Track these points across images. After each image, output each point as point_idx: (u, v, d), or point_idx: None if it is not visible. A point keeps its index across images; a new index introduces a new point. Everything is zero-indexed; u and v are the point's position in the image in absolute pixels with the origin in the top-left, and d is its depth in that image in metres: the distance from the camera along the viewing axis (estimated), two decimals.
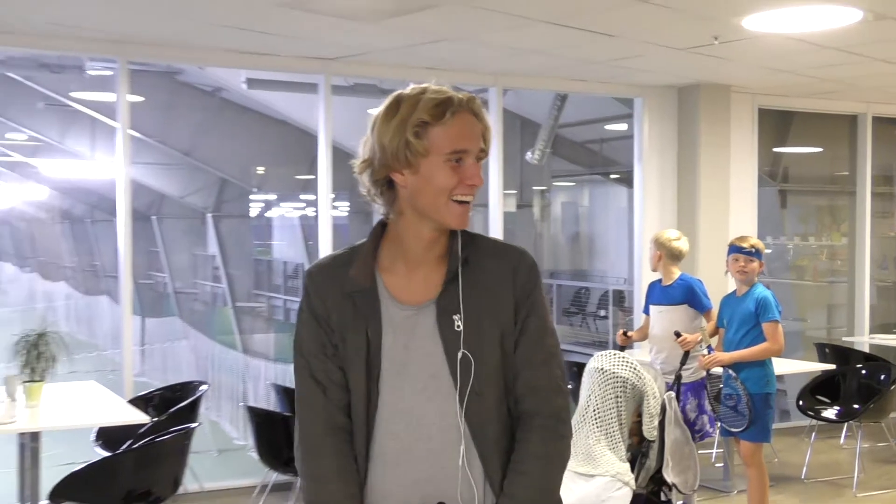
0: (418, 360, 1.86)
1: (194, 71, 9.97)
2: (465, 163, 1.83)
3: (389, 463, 1.86)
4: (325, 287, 1.92)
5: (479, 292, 1.87)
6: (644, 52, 6.01)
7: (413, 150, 1.80)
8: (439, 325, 1.86)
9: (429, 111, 1.81)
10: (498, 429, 1.87)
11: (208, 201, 17.85)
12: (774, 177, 9.21)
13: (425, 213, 1.85)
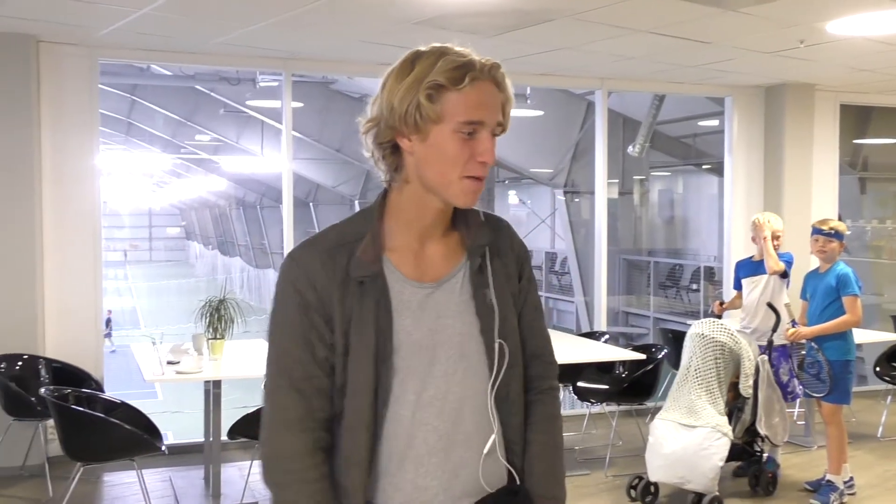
0: (447, 342, 1.47)
1: (344, 80, 10.15)
2: (479, 136, 1.41)
3: (424, 455, 1.45)
4: (318, 273, 1.44)
5: (499, 266, 1.53)
6: (735, 57, 5.79)
7: (423, 115, 1.39)
8: (475, 302, 1.49)
9: (446, 73, 1.39)
10: (520, 401, 1.55)
11: (355, 190, 18.22)
12: (854, 166, 8.77)
13: (431, 186, 1.44)
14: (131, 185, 33.09)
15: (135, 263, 42.61)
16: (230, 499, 4.66)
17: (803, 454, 5.66)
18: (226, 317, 4.75)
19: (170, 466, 5.15)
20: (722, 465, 4.43)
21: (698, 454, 4.42)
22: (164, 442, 4.34)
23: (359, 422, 1.43)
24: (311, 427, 1.44)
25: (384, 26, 4.93)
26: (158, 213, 47.58)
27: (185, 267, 42.43)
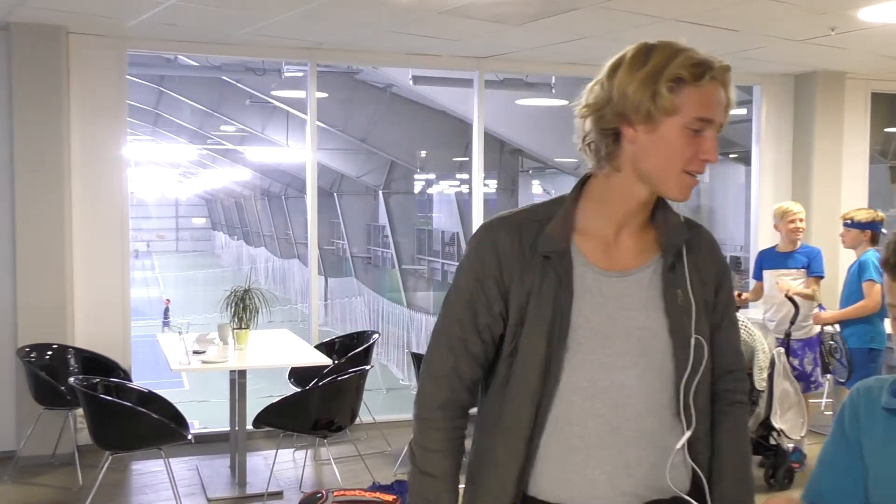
0: (626, 333, 1.45)
1: (369, 71, 10.14)
2: (705, 134, 1.42)
3: (593, 446, 1.44)
4: (507, 243, 1.47)
5: (694, 269, 1.52)
6: (764, 45, 5.71)
7: (659, 106, 1.39)
8: (665, 300, 1.47)
9: (688, 68, 1.40)
10: (707, 409, 1.53)
11: (379, 180, 18.24)
12: (885, 154, 8.62)
13: (647, 177, 1.45)
14: (158, 175, 33.35)
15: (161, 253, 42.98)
16: (255, 487, 4.68)
17: None
18: (251, 307, 4.78)
19: (196, 455, 5.19)
20: None
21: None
22: (190, 431, 4.38)
23: (525, 392, 1.45)
24: (453, 385, 1.51)
25: (410, 15, 4.91)
26: (185, 203, 47.92)
27: (210, 257, 42.73)
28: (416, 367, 5.12)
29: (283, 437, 5.07)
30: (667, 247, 1.50)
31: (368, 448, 5.41)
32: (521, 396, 1.46)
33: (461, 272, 1.53)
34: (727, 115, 1.45)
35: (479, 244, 1.50)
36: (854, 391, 1.41)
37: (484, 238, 1.50)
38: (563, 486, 1.45)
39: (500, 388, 1.49)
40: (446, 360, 1.51)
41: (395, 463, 5.14)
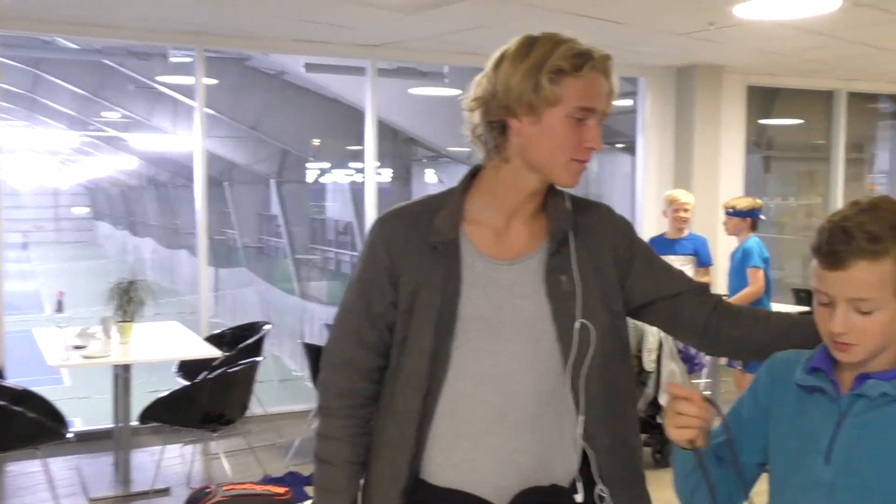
0: (515, 321, 1.47)
1: (260, 57, 9.91)
2: (588, 122, 1.45)
3: (481, 432, 1.46)
4: (398, 235, 1.51)
5: (585, 253, 1.52)
6: (647, 38, 5.89)
7: (542, 97, 1.42)
8: (547, 286, 1.48)
9: (568, 59, 1.43)
10: (603, 394, 1.51)
11: (272, 169, 17.90)
12: (760, 145, 9.05)
13: (536, 167, 1.47)
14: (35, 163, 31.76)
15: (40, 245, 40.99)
16: (141, 484, 4.54)
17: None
18: (136, 299, 4.62)
19: (78, 454, 4.99)
20: None
21: None
22: (70, 429, 4.19)
23: (415, 380, 1.47)
24: (350, 374, 1.53)
25: (301, 3, 4.82)
26: (66, 192, 45.83)
27: (93, 248, 41.04)
28: (309, 357, 5.06)
29: (171, 433, 4.92)
30: (553, 233, 1.51)
31: (260, 440, 5.33)
32: (411, 384, 1.47)
33: (357, 264, 1.56)
34: (610, 103, 1.48)
35: (373, 237, 1.54)
36: (772, 360, 1.47)
37: (377, 231, 1.54)
38: (452, 472, 1.47)
39: (393, 375, 1.52)
40: (343, 350, 1.54)
41: (286, 455, 5.07)
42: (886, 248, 1.27)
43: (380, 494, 1.51)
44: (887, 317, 1.30)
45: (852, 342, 1.31)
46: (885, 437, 1.30)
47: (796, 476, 1.37)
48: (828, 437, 1.34)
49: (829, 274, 1.30)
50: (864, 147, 9.08)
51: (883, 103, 8.89)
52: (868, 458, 1.31)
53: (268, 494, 3.37)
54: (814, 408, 1.37)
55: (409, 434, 1.47)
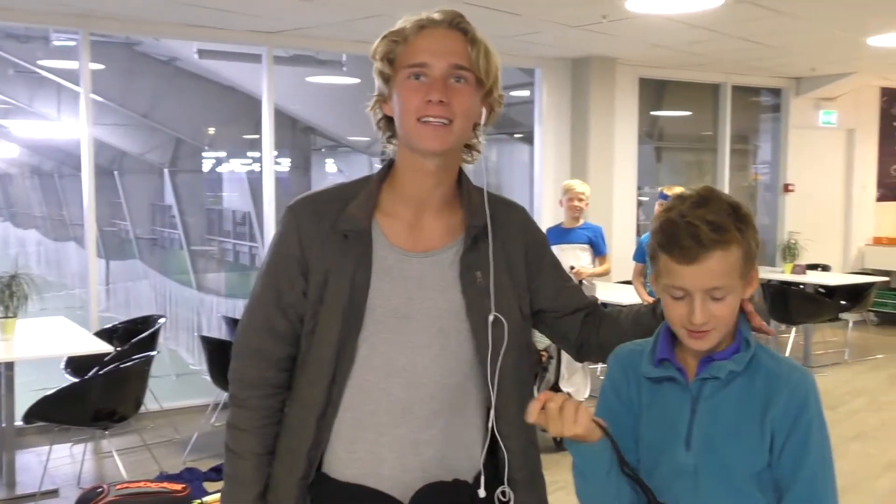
0: (425, 314, 1.45)
1: (151, 42, 9.60)
2: (429, 79, 1.41)
3: (384, 425, 1.44)
4: (309, 223, 1.48)
5: (500, 250, 1.51)
6: (543, 29, 5.98)
7: (384, 75, 1.46)
8: (461, 281, 1.46)
9: (395, 33, 1.46)
10: (517, 392, 1.50)
11: (165, 158, 17.36)
12: (651, 136, 9.33)
13: (403, 141, 1.47)
14: None
15: None
16: (27, 486, 4.36)
17: None
18: (18, 293, 4.42)
19: None
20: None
21: None
22: None
23: (321, 370, 1.45)
24: (260, 364, 1.50)
25: None
26: None
27: None
28: (207, 351, 4.96)
29: (59, 432, 4.74)
30: (469, 228, 1.49)
31: (155, 437, 5.19)
32: (317, 374, 1.46)
33: (268, 253, 1.54)
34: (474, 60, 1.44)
35: (282, 225, 1.51)
36: (617, 355, 1.50)
37: (287, 219, 1.51)
38: (353, 465, 1.46)
39: (301, 365, 1.50)
40: (253, 340, 1.52)
41: (184, 451, 4.96)
42: (733, 236, 1.34)
43: (281, 485, 1.50)
44: (736, 299, 1.37)
45: (710, 328, 1.35)
46: (738, 413, 1.37)
47: (660, 465, 1.41)
48: (685, 424, 1.39)
49: (683, 269, 1.34)
50: (748, 138, 9.48)
51: (765, 96, 9.30)
52: (725, 437, 1.37)
53: (164, 492, 3.29)
54: (666, 396, 1.42)
55: (311, 425, 1.46)
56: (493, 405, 1.47)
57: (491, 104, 1.51)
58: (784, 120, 9.00)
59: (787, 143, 9.00)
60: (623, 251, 7.64)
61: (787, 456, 1.35)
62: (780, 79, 8.80)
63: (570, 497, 1.50)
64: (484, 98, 1.49)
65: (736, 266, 1.35)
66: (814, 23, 5.87)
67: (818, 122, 9.11)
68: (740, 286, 1.37)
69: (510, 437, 1.49)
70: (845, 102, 9.20)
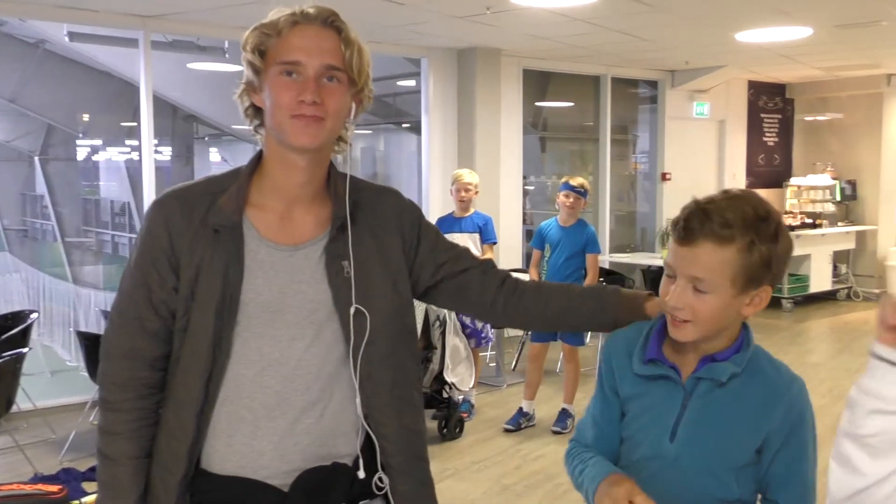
0: (298, 307, 1.46)
1: (16, 23, 9.09)
2: (302, 77, 1.42)
3: (262, 417, 1.45)
4: (178, 218, 1.45)
5: (369, 238, 1.52)
6: (429, 19, 6.01)
7: (255, 68, 1.44)
8: (328, 272, 1.47)
9: (268, 26, 1.44)
10: (389, 379, 1.51)
11: (35, 145, 16.51)
12: (536, 126, 9.52)
13: (275, 136, 1.46)
14: None
15: None
16: None
17: (496, 393, 6.15)
18: None
19: None
20: None
21: None
22: None
23: (196, 367, 1.43)
24: (132, 364, 1.47)
25: None
26: None
27: None
28: (84, 346, 4.76)
29: None
30: (335, 219, 1.50)
31: (29, 437, 4.96)
32: (192, 370, 1.45)
33: (135, 249, 1.50)
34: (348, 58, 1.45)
35: (150, 220, 1.48)
36: (608, 350, 1.55)
37: (155, 213, 1.47)
38: (232, 458, 1.46)
39: (175, 362, 1.48)
40: (123, 340, 1.48)
41: (60, 451, 4.76)
42: (733, 236, 1.35)
43: (160, 487, 1.47)
44: (720, 301, 1.38)
45: (686, 318, 1.39)
46: (729, 413, 1.42)
47: (640, 449, 1.48)
48: (673, 417, 1.44)
49: (679, 248, 1.39)
50: (627, 128, 9.80)
51: (642, 88, 9.64)
52: (711, 433, 1.42)
53: (39, 494, 3.15)
54: (657, 389, 1.47)
55: (189, 422, 1.44)
56: (358, 393, 1.49)
57: (361, 99, 1.52)
58: (660, 111, 9.35)
59: (663, 134, 9.36)
60: (510, 239, 7.79)
61: (780, 465, 1.42)
62: (656, 71, 9.13)
63: (459, 484, 1.54)
64: (355, 94, 1.50)
65: (727, 267, 1.36)
66: (686, 18, 6.12)
67: (692, 114, 9.51)
68: (730, 291, 1.38)
69: (384, 423, 1.51)
70: (716, 94, 9.64)
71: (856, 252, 10.25)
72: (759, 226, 1.36)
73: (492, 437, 5.15)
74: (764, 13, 5.93)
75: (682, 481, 1.43)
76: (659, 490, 1.39)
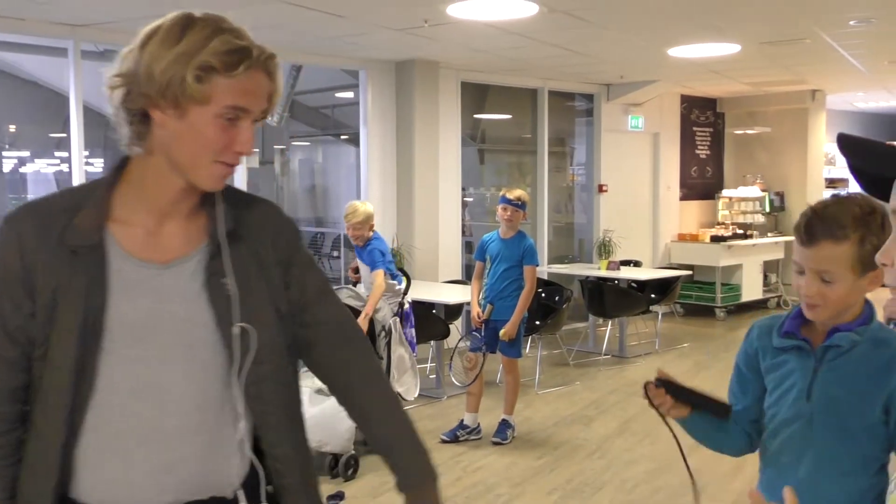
0: (169, 328, 1.34)
1: None
2: (241, 124, 1.32)
3: (134, 447, 1.34)
4: (32, 238, 1.31)
5: (248, 253, 1.41)
6: (367, 31, 6.01)
7: (187, 93, 1.27)
8: (209, 290, 1.36)
9: (219, 57, 1.27)
10: (281, 398, 1.44)
11: None
12: (474, 138, 9.58)
13: (177, 166, 1.33)
14: None
15: None
16: None
17: (436, 405, 6.14)
18: None
19: None
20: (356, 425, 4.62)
21: (335, 417, 4.58)
22: None
23: (58, 397, 1.31)
24: None
25: None
26: None
27: None
28: None
29: None
30: (213, 234, 1.39)
31: None
32: (55, 402, 1.32)
33: None
34: (272, 103, 1.36)
35: (2, 241, 1.34)
36: (755, 331, 1.83)
37: (6, 233, 1.33)
38: (104, 489, 1.35)
39: (35, 393, 1.35)
40: None
41: None
42: (847, 234, 1.61)
43: None
44: (844, 287, 1.64)
45: (817, 303, 1.66)
46: (856, 374, 1.66)
47: (782, 412, 1.73)
48: (808, 381, 1.70)
49: (802, 249, 1.66)
50: (565, 141, 9.93)
51: (579, 101, 9.79)
52: (842, 392, 1.67)
53: None
54: (792, 360, 1.74)
55: (53, 456, 1.32)
56: (244, 418, 1.40)
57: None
58: (596, 124, 9.50)
59: (599, 146, 9.51)
60: (449, 250, 7.82)
61: None
62: (592, 85, 9.28)
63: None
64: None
65: (846, 259, 1.62)
66: (620, 33, 6.25)
67: (627, 127, 9.69)
68: (851, 277, 1.63)
69: (276, 444, 1.43)
70: (650, 108, 9.84)
71: (785, 262, 10.55)
72: (867, 220, 1.62)
73: (432, 449, 5.12)
74: (694, 30, 6.09)
75: (819, 439, 1.67)
76: (800, 448, 1.69)
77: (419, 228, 7.42)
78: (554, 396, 6.44)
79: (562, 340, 7.70)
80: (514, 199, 5.15)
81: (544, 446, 5.25)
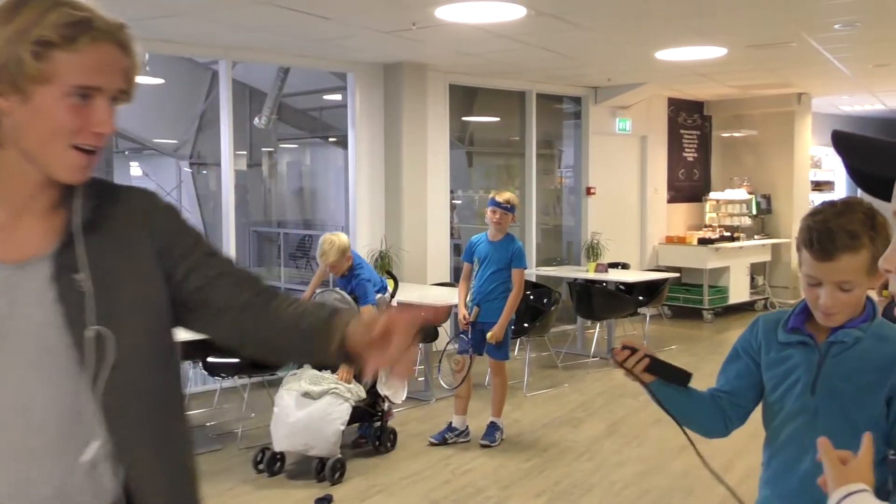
0: (25, 333, 1.21)
1: None
2: (94, 104, 1.21)
3: None
4: None
5: (112, 246, 1.28)
6: (355, 34, 6.00)
7: (25, 74, 1.16)
8: (58, 290, 1.23)
9: (57, 30, 1.17)
10: (145, 408, 1.28)
11: None
12: (463, 141, 9.60)
13: (30, 157, 1.22)
14: None
15: None
16: None
17: (424, 408, 6.14)
18: None
19: None
20: (343, 428, 4.64)
21: (322, 420, 4.58)
22: None
23: None
24: None
25: None
26: None
27: None
28: None
29: None
30: (67, 225, 1.27)
31: None
32: None
33: None
34: (130, 78, 1.26)
35: None
36: (762, 324, 1.86)
37: None
38: None
39: None
40: None
41: None
42: (863, 242, 1.65)
43: None
44: (861, 291, 1.71)
45: (836, 312, 1.71)
46: (859, 368, 1.71)
47: (787, 405, 1.77)
48: (812, 375, 1.75)
49: (819, 264, 1.68)
50: (553, 143, 9.96)
51: (567, 104, 9.81)
52: (846, 385, 1.71)
53: None
54: (797, 355, 1.78)
55: None
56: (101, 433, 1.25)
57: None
58: (584, 126, 9.52)
59: (587, 149, 9.53)
60: (437, 253, 7.82)
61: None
62: (580, 87, 9.31)
63: (388, 499, 1.52)
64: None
65: (863, 265, 1.66)
66: (607, 36, 6.27)
67: (615, 129, 9.71)
68: (866, 280, 1.69)
69: (140, 460, 1.28)
70: (638, 111, 9.87)
71: (772, 264, 10.61)
72: (873, 222, 1.67)
73: (421, 452, 5.14)
74: (681, 33, 6.12)
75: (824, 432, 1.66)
76: (806, 442, 1.68)
77: (407, 231, 7.41)
78: (542, 399, 6.44)
79: (550, 343, 7.71)
80: (503, 201, 5.15)
81: (533, 449, 5.26)
